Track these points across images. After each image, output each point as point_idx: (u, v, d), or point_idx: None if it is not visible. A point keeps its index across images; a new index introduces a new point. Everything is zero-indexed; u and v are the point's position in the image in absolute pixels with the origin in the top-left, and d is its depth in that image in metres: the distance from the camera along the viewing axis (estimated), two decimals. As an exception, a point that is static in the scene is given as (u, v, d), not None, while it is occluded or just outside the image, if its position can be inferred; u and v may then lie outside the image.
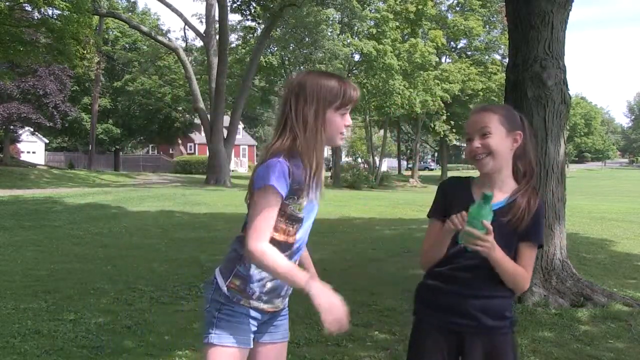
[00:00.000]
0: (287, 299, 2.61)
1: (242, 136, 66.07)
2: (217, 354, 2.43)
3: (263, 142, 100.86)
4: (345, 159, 55.95)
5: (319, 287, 2.31)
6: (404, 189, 47.37)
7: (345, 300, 2.40)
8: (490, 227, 2.27)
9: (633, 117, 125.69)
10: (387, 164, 69.92)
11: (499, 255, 2.35)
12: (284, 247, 2.42)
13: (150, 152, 70.29)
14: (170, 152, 64.75)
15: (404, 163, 79.92)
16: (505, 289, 2.46)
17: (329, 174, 48.56)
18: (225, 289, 2.44)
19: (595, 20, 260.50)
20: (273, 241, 2.39)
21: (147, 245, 10.52)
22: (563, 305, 6.33)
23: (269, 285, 2.44)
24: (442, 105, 44.74)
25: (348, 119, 2.46)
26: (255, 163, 2.85)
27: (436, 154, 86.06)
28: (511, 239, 2.44)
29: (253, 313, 2.44)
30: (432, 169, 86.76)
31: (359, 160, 56.33)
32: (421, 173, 65.85)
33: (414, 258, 9.55)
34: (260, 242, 2.29)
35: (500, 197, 2.48)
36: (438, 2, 51.06)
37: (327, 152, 66.83)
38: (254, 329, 2.48)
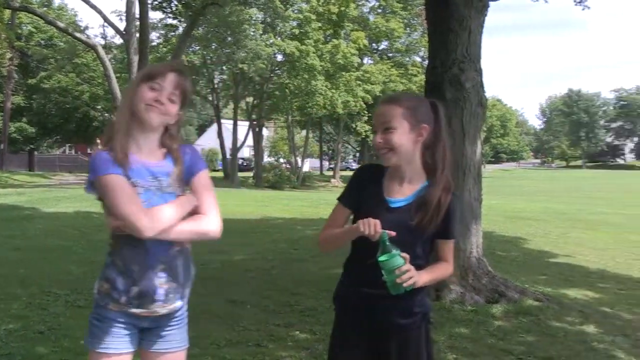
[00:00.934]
0: (174, 304, 2.46)
1: (162, 135, 64.90)
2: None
3: (184, 142, 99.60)
4: (267, 159, 55.82)
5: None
6: (325, 188, 47.62)
7: (266, 300, 2.40)
8: (407, 256, 2.29)
9: (545, 119, 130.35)
10: (309, 164, 70.10)
11: (424, 280, 2.39)
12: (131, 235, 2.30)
13: (67, 151, 68.26)
14: (89, 151, 63.01)
15: (326, 163, 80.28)
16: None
17: (251, 174, 48.39)
18: (96, 292, 2.40)
19: (509, 26, 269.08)
20: (119, 240, 2.34)
21: (63, 248, 10.20)
22: (479, 302, 6.51)
23: (134, 289, 2.34)
24: (364, 105, 45.16)
25: (161, 94, 2.36)
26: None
27: (358, 154, 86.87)
28: (421, 236, 2.45)
29: (124, 318, 2.36)
30: (353, 169, 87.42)
31: (281, 160, 56.29)
32: (343, 173, 66.11)
33: (335, 258, 9.59)
34: (144, 222, 2.23)
35: (408, 191, 2.48)
36: (360, 3, 51.51)
37: (249, 152, 66.63)
38: (127, 332, 2.40)
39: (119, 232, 2.32)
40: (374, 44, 54.32)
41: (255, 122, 47.29)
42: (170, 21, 37.44)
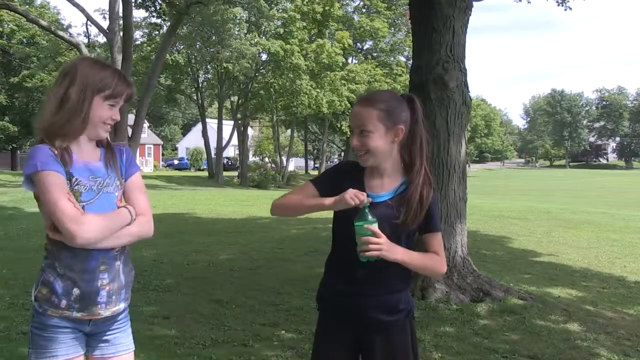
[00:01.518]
0: (118, 306, 2.40)
1: (147, 135, 64.63)
2: None
3: (169, 141, 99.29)
4: (252, 158, 55.71)
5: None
6: (311, 188, 47.55)
7: (252, 300, 2.38)
8: (378, 231, 2.30)
9: (528, 119, 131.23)
10: (294, 164, 70.10)
11: (402, 257, 2.38)
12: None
13: (51, 150, 67.72)
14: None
15: (311, 163, 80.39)
16: (399, 283, 2.50)
17: (236, 173, 48.25)
18: (33, 299, 2.30)
19: (493, 27, 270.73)
20: (57, 242, 2.26)
21: (47, 248, 10.10)
22: (464, 301, 6.54)
23: (76, 292, 2.27)
24: (349, 105, 45.14)
25: (117, 113, 2.36)
26: (161, 162, 2.74)
27: (342, 154, 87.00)
28: (405, 232, 2.46)
29: (66, 323, 2.29)
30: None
31: (267, 159, 56.22)
32: (328, 172, 66.32)
33: (320, 257, 9.62)
34: (77, 229, 2.16)
35: (389, 187, 2.49)
36: (344, 3, 51.55)
37: (234, 151, 66.49)
38: (72, 336, 2.32)
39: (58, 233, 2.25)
40: (358, 44, 54.40)
41: (240, 121, 47.22)
42: (154, 20, 37.26)
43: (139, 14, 47.95)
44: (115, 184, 2.38)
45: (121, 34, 30.23)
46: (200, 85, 48.35)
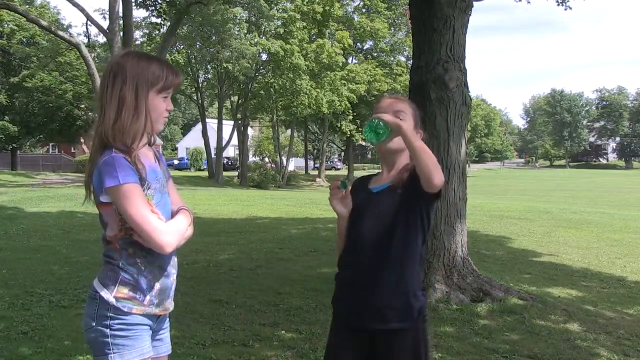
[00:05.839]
0: (173, 302, 2.48)
1: (147, 135, 64.52)
2: None
3: (169, 141, 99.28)
4: (252, 158, 55.74)
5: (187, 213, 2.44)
6: (310, 188, 47.67)
7: (252, 300, 2.38)
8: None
9: (528, 119, 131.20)
10: (294, 164, 70.12)
11: (406, 126, 2.42)
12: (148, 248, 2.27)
13: (51, 150, 67.79)
14: (72, 150, 62.61)
15: (311, 163, 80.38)
16: (407, 274, 2.52)
17: (236, 173, 48.22)
18: (113, 300, 2.25)
19: (493, 27, 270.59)
20: (135, 243, 2.27)
21: (47, 248, 10.13)
22: (464, 301, 6.53)
23: (157, 286, 2.33)
24: (349, 105, 45.28)
25: (170, 103, 2.39)
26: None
27: (342, 154, 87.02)
28: (410, 201, 2.55)
29: (147, 320, 2.32)
30: (338, 169, 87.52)
31: (266, 159, 56.26)
32: (328, 172, 66.46)
33: (320, 257, 9.64)
34: (167, 239, 2.22)
35: (389, 178, 2.62)
36: (345, 3, 51.59)
37: (234, 151, 66.50)
38: (150, 333, 2.35)
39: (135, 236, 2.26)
40: (358, 44, 54.44)
41: (240, 121, 47.23)
42: (154, 20, 37.24)
43: (139, 14, 48.06)
44: (166, 184, 2.46)
45: (121, 34, 30.22)
46: (200, 85, 48.37)
